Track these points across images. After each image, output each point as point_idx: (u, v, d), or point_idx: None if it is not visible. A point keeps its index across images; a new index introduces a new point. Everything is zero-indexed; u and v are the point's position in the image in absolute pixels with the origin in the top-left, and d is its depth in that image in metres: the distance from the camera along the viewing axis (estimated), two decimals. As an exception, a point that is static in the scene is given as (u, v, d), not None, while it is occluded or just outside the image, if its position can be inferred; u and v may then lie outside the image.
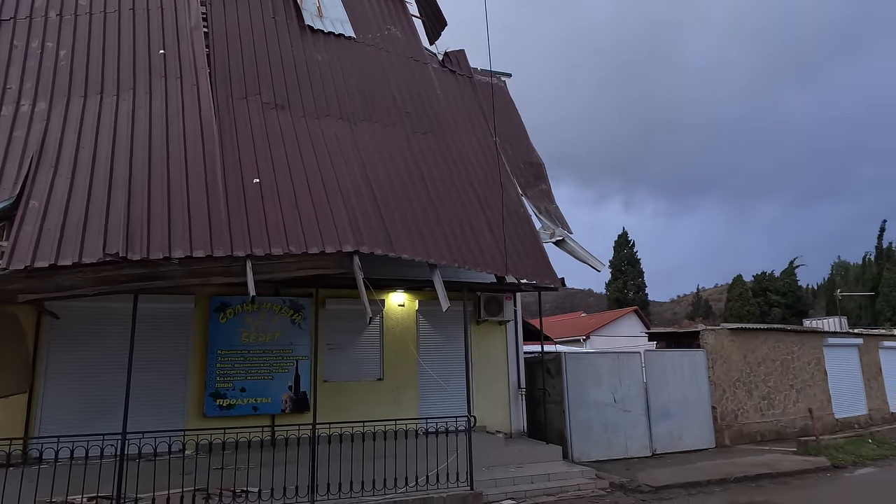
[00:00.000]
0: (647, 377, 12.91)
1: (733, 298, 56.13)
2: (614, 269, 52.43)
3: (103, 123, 8.14)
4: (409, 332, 11.94)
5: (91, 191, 7.18)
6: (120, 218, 6.87)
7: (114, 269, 6.77)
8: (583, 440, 11.96)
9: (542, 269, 9.96)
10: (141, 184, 7.37)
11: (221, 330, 10.50)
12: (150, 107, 8.46)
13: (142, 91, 8.68)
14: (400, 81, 11.38)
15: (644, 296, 51.45)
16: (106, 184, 7.29)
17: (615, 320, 34.17)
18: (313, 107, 9.74)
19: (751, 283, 56.45)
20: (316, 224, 7.82)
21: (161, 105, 8.54)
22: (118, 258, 6.53)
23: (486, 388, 12.27)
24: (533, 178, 12.04)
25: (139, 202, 7.13)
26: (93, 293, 6.92)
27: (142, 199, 7.17)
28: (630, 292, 51.25)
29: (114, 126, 8.13)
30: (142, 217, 6.99)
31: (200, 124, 8.38)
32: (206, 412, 10.18)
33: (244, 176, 8.00)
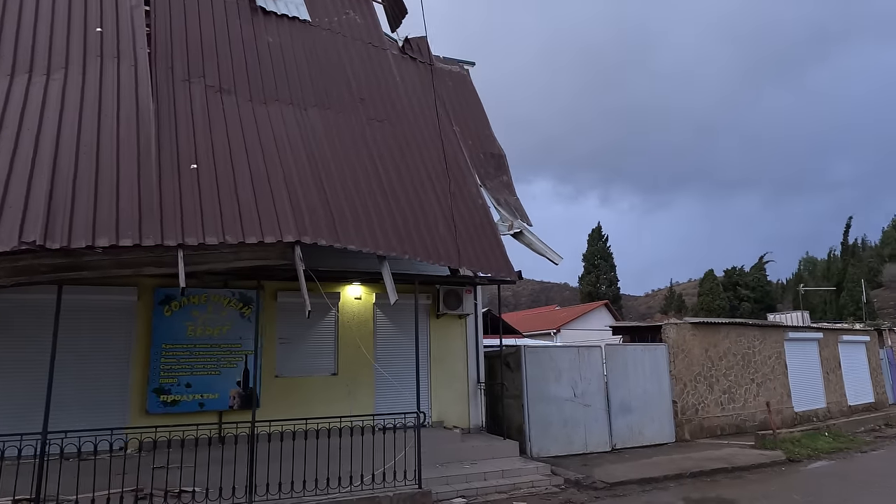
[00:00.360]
0: (607, 372, 12.80)
1: (704, 293, 56.89)
2: (587, 263, 52.71)
3: (30, 104, 7.65)
4: (365, 326, 11.64)
5: (10, 175, 6.71)
6: (40, 204, 6.43)
7: (33, 258, 6.35)
8: (542, 435, 11.81)
9: (499, 261, 9.74)
10: (67, 169, 6.93)
11: (166, 323, 10.08)
12: (83, 88, 7.98)
13: (75, 71, 8.19)
14: (356, 67, 11.02)
15: (616, 290, 51.82)
16: (27, 168, 6.83)
17: (585, 314, 34.27)
18: (261, 91, 9.34)
19: (721, 278, 57.30)
20: (256, 213, 7.46)
21: (95, 86, 8.07)
22: (35, 246, 6.12)
23: (445, 383, 12.05)
24: (493, 169, 11.80)
25: (63, 188, 6.69)
26: (10, 284, 6.47)
27: (66, 185, 6.73)
28: (603, 286, 51.57)
29: (41, 107, 7.64)
30: (65, 203, 6.57)
31: (136, 107, 7.94)
32: (148, 409, 9.77)
33: (181, 162, 7.60)
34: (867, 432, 15.60)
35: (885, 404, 20.35)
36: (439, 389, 11.98)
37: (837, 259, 53.34)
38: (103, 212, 6.68)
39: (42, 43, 8.50)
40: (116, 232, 6.55)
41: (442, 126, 11.37)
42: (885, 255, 71.95)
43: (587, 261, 52.51)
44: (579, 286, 53.72)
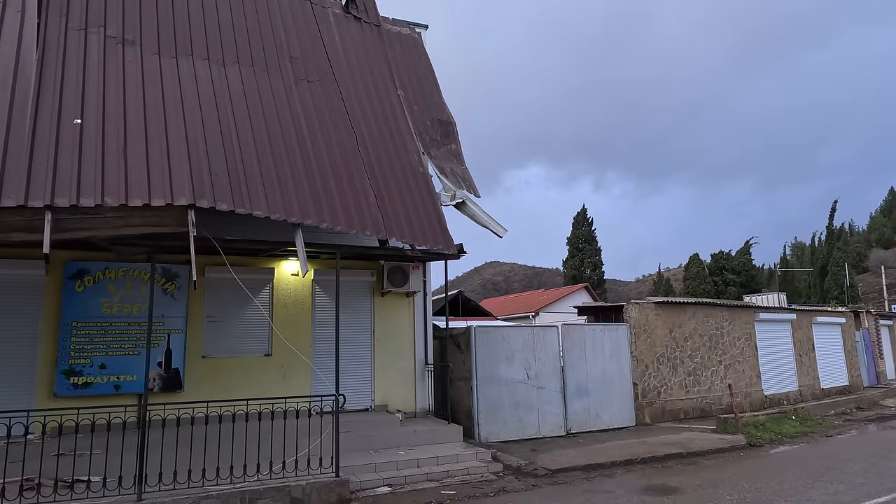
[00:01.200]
0: (564, 353, 12.18)
1: (690, 277, 56.56)
2: (571, 247, 52.16)
3: None
4: (302, 304, 10.93)
5: None
6: None
7: None
8: (490, 420, 11.19)
9: (436, 233, 9.03)
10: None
11: (77, 299, 9.33)
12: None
13: (-48, 17, 7.34)
14: (289, 24, 10.19)
15: (601, 273, 51.32)
16: None
17: (565, 297, 33.73)
18: (172, 45, 8.51)
19: (708, 262, 56.96)
20: (146, 174, 6.70)
21: (-29, 33, 7.23)
22: None
23: (390, 365, 11.39)
24: (440, 136, 11.03)
25: None
26: None
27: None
28: (588, 269, 51.06)
29: None
30: None
31: (17, 55, 7.12)
32: (57, 391, 9.06)
33: (63, 117, 6.80)
34: (837, 415, 15.12)
35: (860, 387, 19.91)
36: (383, 371, 11.32)
37: (823, 243, 52.97)
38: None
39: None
40: (-30, 191, 5.78)
41: (384, 89, 10.60)
42: (871, 240, 71.90)
43: (571, 244, 51.95)
44: (563, 269, 53.22)
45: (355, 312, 11.29)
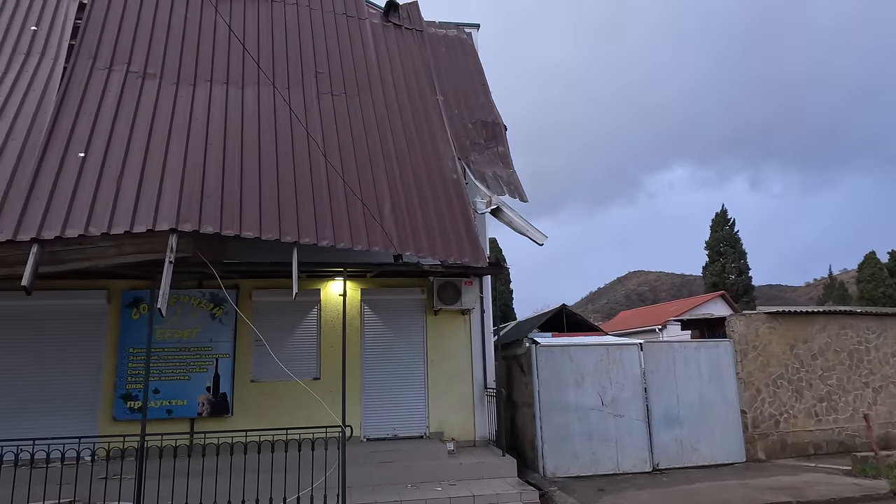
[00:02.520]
0: (647, 374, 10.52)
1: (864, 279, 48.65)
2: (711, 252, 47.36)
3: None
4: (351, 325, 10.52)
5: None
6: None
7: None
8: (557, 452, 9.91)
9: (462, 245, 8.15)
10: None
11: (134, 326, 9.75)
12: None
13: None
14: (319, 40, 10.01)
15: (747, 279, 45.93)
16: None
17: (698, 306, 30.44)
18: (192, 73, 8.64)
19: (887, 262, 48.64)
20: (134, 202, 6.67)
21: (10, 84, 7.82)
22: None
23: (445, 389, 10.58)
24: (485, 138, 10.14)
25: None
26: None
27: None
28: (731, 275, 46.03)
29: None
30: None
31: (41, 98, 7.56)
32: (115, 415, 9.48)
33: (69, 152, 7.04)
34: None
35: None
36: (438, 396, 10.53)
37: None
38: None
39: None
40: (-32, 229, 6.06)
41: (420, 95, 9.99)
42: None
43: (711, 249, 47.14)
44: (703, 276, 48.44)
45: (406, 332, 10.68)
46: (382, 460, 9.02)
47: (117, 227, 6.35)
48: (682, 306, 32.44)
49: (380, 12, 11.19)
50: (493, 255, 8.85)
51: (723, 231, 48.07)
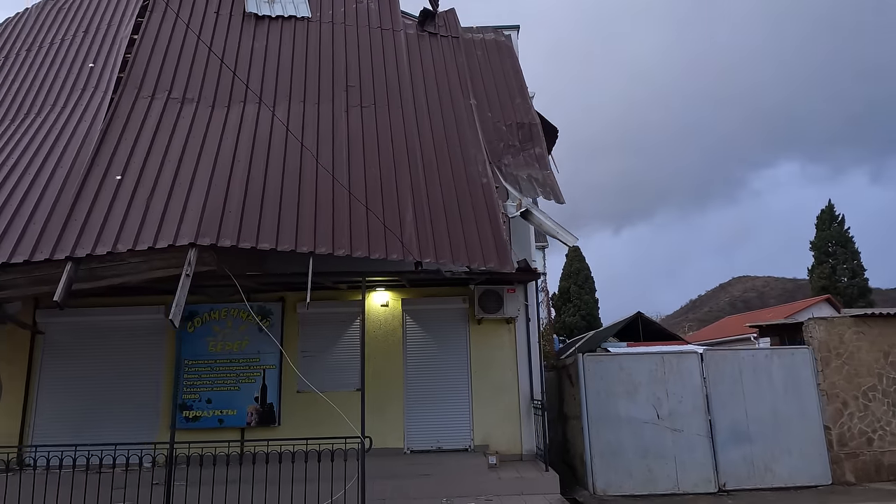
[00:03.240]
0: (709, 385, 9.64)
1: None
2: (818, 252, 43.40)
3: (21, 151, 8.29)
4: (393, 336, 10.51)
5: (-43, 206, 7.28)
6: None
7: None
8: (608, 468, 9.28)
9: (490, 250, 7.86)
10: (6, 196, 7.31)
11: (189, 339, 10.25)
12: (57, 122, 8.50)
13: (58, 108, 8.80)
14: (353, 55, 10.16)
15: (863, 282, 41.60)
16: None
17: (798, 312, 27.83)
18: (228, 95, 9.03)
19: None
20: (160, 219, 7.00)
21: (66, 117, 8.54)
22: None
23: (490, 400, 10.26)
24: (520, 140, 9.82)
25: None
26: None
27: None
28: (844, 278, 41.91)
29: (29, 147, 8.29)
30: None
31: (90, 127, 8.18)
32: (174, 424, 9.95)
33: (108, 175, 7.53)
34: None
35: None
36: (482, 408, 10.23)
37: None
38: (14, 231, 6.83)
39: (55, 86, 9.34)
40: (13, 250, 6.61)
41: (452, 101, 9.87)
42: None
43: (817, 249, 43.19)
44: (809, 280, 44.41)
45: (449, 343, 10.49)
46: (421, 473, 8.85)
47: (142, 244, 6.68)
48: (780, 313, 29.85)
49: (415, 22, 11.21)
50: (524, 259, 8.48)
51: (830, 229, 44.05)
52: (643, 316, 21.31)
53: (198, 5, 10.39)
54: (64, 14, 10.66)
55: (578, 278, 43.49)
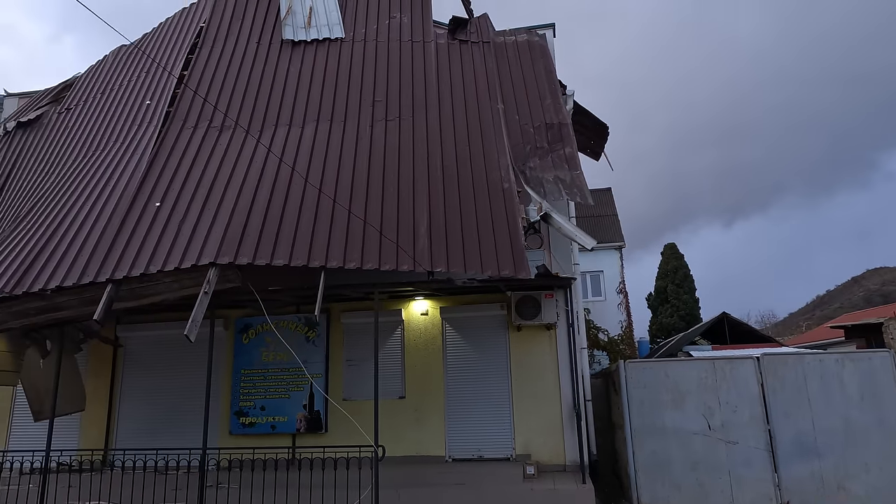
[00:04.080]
0: (768, 394, 8.83)
1: None
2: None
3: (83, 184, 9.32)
4: (433, 344, 10.60)
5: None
6: (18, 258, 7.77)
7: (20, 305, 7.64)
8: (654, 481, 8.77)
9: (507, 256, 7.72)
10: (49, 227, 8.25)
11: (244, 350, 10.95)
12: (115, 156, 9.45)
13: (118, 143, 9.77)
14: (382, 71, 10.41)
15: None
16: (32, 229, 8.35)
17: (926, 309, 24.59)
18: (261, 121, 9.58)
19: None
20: (188, 241, 7.56)
21: (122, 151, 9.47)
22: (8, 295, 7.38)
23: (532, 409, 10.03)
24: (549, 141, 9.55)
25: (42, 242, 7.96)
26: (17, 325, 7.93)
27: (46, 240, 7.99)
28: None
29: (91, 180, 9.30)
30: (38, 255, 7.78)
31: (139, 160, 9.01)
32: (231, 430, 10.69)
33: (150, 201, 8.25)
34: None
35: None
36: (524, 416, 10.02)
37: None
38: (66, 259, 7.67)
39: (116, 126, 10.38)
40: (64, 276, 7.43)
41: (478, 107, 9.84)
42: None
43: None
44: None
45: (489, 350, 10.39)
46: (456, 482, 8.84)
47: (170, 265, 7.26)
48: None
49: (444, 33, 11.27)
50: (542, 265, 8.23)
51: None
52: (730, 317, 19.94)
53: (241, 37, 11.10)
54: (131, 58, 11.80)
55: (676, 277, 41.26)
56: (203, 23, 11.45)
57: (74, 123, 10.98)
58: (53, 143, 10.82)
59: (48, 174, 10.06)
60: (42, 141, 11.09)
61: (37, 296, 7.52)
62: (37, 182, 10.01)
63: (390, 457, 9.93)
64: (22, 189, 10.20)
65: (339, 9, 11.54)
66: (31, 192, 9.86)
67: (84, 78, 12.24)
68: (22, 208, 9.49)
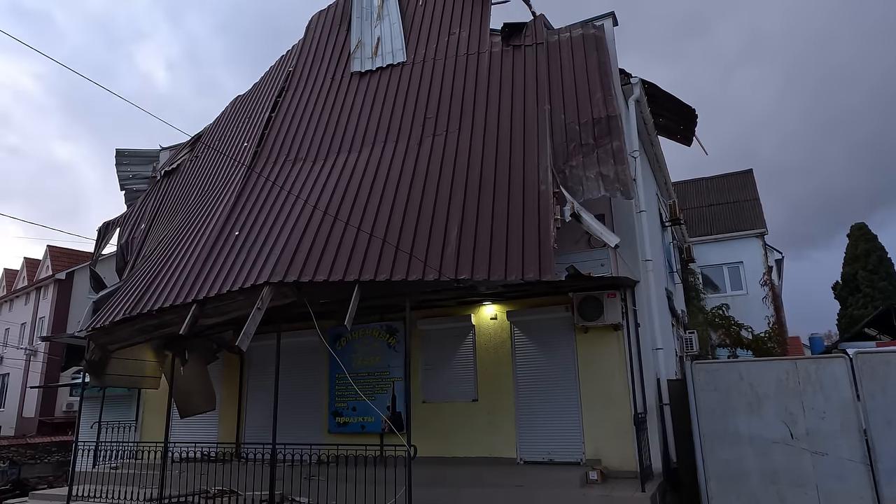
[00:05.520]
0: (864, 399, 7.63)
1: None
2: None
3: (192, 220, 11.16)
4: (502, 348, 10.78)
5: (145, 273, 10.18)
6: (138, 288, 9.57)
7: (140, 323, 9.43)
8: (728, 492, 8.06)
9: (533, 259, 7.75)
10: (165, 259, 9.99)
11: (338, 356, 12.08)
12: (217, 193, 11.15)
13: (221, 181, 11.50)
14: (436, 88, 10.93)
15: None
16: (162, 266, 10.18)
17: None
18: (327, 149, 10.62)
19: None
20: (252, 263, 8.74)
21: (223, 187, 11.14)
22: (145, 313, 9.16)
23: (601, 412, 9.75)
24: (596, 136, 9.21)
25: (154, 273, 9.71)
26: (142, 340, 9.75)
27: (158, 271, 9.73)
28: None
29: (198, 216, 11.10)
30: (150, 284, 9.53)
31: (229, 196, 10.56)
32: (329, 428, 11.86)
33: (231, 231, 9.66)
34: None
35: None
36: (593, 421, 9.77)
37: None
38: (174, 284, 9.31)
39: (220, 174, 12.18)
40: (166, 299, 9.04)
41: (524, 111, 9.92)
42: None
43: None
44: None
45: (556, 353, 10.30)
46: (515, 483, 8.93)
47: (236, 286, 8.46)
48: None
49: (498, 41, 11.42)
50: (571, 266, 7.96)
51: None
52: None
53: (319, 77, 12.35)
54: (242, 106, 13.71)
55: (868, 261, 35.88)
56: (291, 67, 12.94)
57: (197, 170, 13.07)
58: (183, 188, 12.99)
59: (175, 215, 12.13)
60: (177, 187, 13.36)
61: (148, 315, 9.22)
62: (166, 222, 12.13)
63: (466, 457, 10.41)
64: (159, 229, 12.42)
65: (403, 33, 12.26)
66: (163, 231, 11.97)
67: (210, 128, 14.45)
68: (156, 246, 11.58)
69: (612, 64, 10.51)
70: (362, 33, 12.61)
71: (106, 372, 11.27)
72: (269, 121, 11.88)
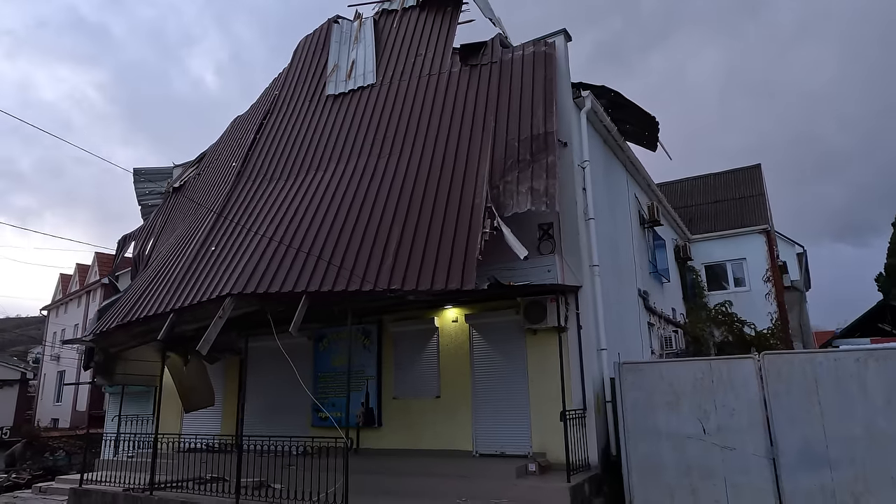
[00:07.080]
0: (769, 397, 8.08)
1: None
2: None
3: (183, 234, 12.42)
4: (462, 348, 11.57)
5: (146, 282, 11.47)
6: (131, 299, 10.86)
7: (133, 329, 10.71)
8: (648, 484, 8.65)
9: (458, 270, 8.57)
10: (157, 272, 11.24)
11: (320, 356, 13.16)
12: (202, 214, 12.36)
13: (209, 201, 12.70)
14: (398, 108, 11.79)
15: None
16: (153, 277, 11.46)
17: None
18: (298, 168, 11.65)
19: None
20: (220, 276, 9.84)
21: (206, 206, 12.33)
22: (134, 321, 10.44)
23: (547, 409, 10.38)
24: (533, 152, 9.86)
25: (146, 286, 10.97)
26: (136, 344, 11.04)
27: (149, 284, 10.99)
28: None
29: (185, 235, 12.35)
30: (141, 296, 10.79)
31: (207, 215, 11.74)
32: (312, 423, 12.94)
33: (208, 246, 10.82)
34: None
35: None
36: (540, 416, 10.44)
37: None
38: (153, 297, 10.54)
39: (213, 181, 13.41)
40: (140, 310, 10.27)
41: (469, 128, 10.69)
42: None
43: None
44: None
45: (509, 353, 11.02)
46: (461, 474, 9.72)
47: (206, 297, 9.58)
48: None
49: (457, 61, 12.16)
50: (492, 276, 8.67)
51: None
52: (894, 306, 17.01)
53: (300, 100, 13.39)
54: (237, 128, 14.92)
55: (912, 251, 34.90)
56: (277, 91, 14.05)
57: (198, 187, 14.36)
58: (185, 204, 14.31)
59: (175, 230, 13.44)
60: (181, 203, 14.70)
61: (137, 322, 10.48)
62: (168, 236, 13.46)
63: (430, 449, 11.26)
64: (163, 242, 13.76)
65: (376, 56, 13.16)
66: (164, 244, 13.29)
67: (213, 147, 15.75)
68: (156, 258, 12.90)
69: (563, 79, 11.13)
70: (339, 57, 13.58)
71: (115, 371, 12.69)
72: (253, 142, 13.01)
